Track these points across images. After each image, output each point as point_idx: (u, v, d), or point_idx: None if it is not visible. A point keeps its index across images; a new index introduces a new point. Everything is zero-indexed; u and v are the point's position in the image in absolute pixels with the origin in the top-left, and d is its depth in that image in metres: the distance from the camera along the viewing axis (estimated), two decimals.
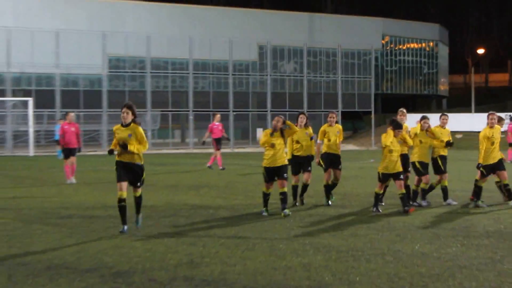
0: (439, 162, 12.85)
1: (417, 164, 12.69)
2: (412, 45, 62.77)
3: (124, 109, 9.10)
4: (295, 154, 11.72)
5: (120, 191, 8.96)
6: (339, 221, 10.63)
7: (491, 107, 27.53)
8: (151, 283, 6.17)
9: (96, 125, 42.75)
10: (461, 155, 27.22)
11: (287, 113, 32.94)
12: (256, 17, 53.75)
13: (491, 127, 12.57)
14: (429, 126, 12.78)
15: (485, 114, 13.44)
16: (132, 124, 9.08)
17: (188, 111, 44.84)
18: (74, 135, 18.48)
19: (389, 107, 52.60)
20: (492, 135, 12.57)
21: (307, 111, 26.08)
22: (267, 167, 10.65)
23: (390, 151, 11.48)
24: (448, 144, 13.07)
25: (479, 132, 12.80)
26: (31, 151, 34.84)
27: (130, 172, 9.09)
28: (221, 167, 22.86)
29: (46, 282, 6.28)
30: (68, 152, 18.20)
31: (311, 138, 12.44)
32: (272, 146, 10.39)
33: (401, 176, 11.67)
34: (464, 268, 6.72)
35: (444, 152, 13.23)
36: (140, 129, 9.16)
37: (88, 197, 14.45)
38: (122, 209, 9.10)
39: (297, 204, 12.13)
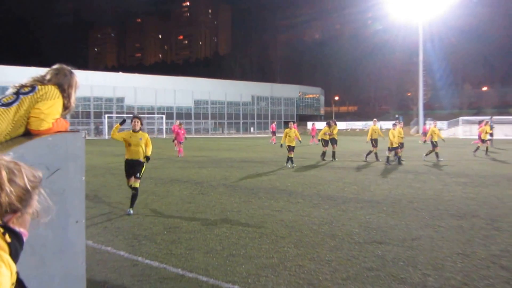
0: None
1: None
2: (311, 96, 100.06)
3: (135, 120, 10.40)
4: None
5: (128, 182, 10.07)
6: None
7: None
8: None
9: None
10: None
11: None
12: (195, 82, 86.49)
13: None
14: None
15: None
16: (140, 131, 10.40)
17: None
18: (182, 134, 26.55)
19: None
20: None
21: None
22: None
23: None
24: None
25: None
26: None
27: (133, 167, 10.08)
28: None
29: None
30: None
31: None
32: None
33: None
34: None
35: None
36: (147, 134, 10.82)
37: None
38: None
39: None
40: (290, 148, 20.41)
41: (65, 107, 3.67)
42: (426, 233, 7.97)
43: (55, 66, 3.77)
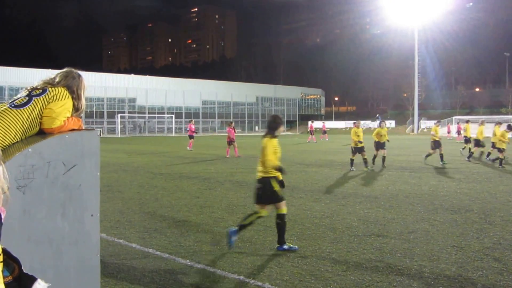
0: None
1: None
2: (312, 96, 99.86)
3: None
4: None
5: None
6: None
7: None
8: None
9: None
10: None
11: None
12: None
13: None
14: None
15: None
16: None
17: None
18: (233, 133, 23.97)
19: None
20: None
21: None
22: None
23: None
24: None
25: None
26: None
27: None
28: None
29: None
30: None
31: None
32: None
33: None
34: None
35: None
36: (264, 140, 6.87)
37: None
38: None
39: None
40: (356, 150, 17.93)
41: (76, 109, 3.69)
42: (422, 227, 7.94)
43: (64, 70, 3.79)
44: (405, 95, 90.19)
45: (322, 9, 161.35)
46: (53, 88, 3.55)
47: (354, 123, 19.02)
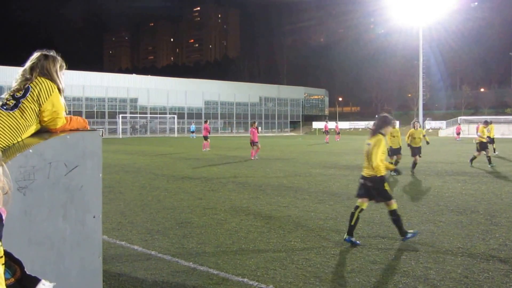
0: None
1: None
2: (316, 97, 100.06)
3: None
4: None
5: None
6: None
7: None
8: None
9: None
10: None
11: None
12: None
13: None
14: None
15: None
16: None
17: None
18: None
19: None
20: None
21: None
22: None
23: None
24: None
25: None
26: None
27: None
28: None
29: None
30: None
31: None
32: None
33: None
34: None
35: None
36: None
37: None
38: None
39: None
40: (393, 152, 17.27)
41: (59, 90, 3.65)
42: (427, 228, 7.91)
43: (32, 57, 3.70)
44: (409, 95, 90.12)
45: (326, 9, 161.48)
46: (34, 84, 3.51)
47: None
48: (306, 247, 6.79)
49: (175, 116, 70.71)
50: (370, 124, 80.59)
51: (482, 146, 18.97)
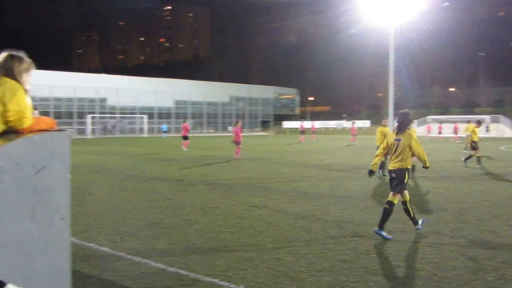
0: None
1: None
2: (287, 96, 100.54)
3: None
4: None
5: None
6: None
7: None
8: None
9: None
10: None
11: None
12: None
13: None
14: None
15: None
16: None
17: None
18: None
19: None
20: None
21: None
22: None
23: None
24: None
25: None
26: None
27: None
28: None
29: None
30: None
31: None
32: None
33: None
34: None
35: None
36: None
37: None
38: None
39: None
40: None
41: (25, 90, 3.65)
42: (397, 226, 8.05)
43: (1, 56, 3.70)
44: (380, 94, 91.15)
45: (297, 9, 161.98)
46: None
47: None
48: (277, 246, 6.84)
49: (145, 116, 70.15)
50: (340, 123, 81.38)
51: (474, 145, 18.97)
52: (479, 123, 19.63)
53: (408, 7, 62.33)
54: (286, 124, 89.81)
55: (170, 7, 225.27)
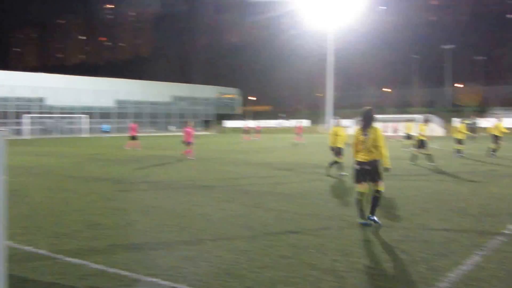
0: None
1: None
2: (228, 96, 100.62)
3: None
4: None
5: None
6: None
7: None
8: None
9: None
10: None
11: None
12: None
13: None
14: None
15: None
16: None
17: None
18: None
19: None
20: None
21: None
22: None
23: None
24: None
25: None
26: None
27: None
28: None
29: None
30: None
31: None
32: None
33: None
34: None
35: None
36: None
37: None
38: None
39: None
40: (338, 151, 15.34)
41: None
42: (335, 223, 8.21)
43: None
44: (319, 95, 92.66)
45: (240, 9, 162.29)
46: None
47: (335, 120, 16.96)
48: (218, 244, 6.82)
49: (87, 116, 68.41)
50: (281, 122, 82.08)
51: (421, 144, 19.09)
52: (426, 121, 19.80)
53: (346, 10, 63.86)
54: (228, 124, 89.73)
55: (112, 6, 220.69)
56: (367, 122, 8.27)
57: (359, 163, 8.19)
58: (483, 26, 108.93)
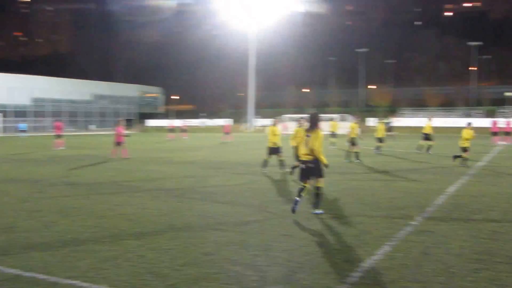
0: None
1: None
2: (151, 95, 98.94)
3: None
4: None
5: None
6: None
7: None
8: None
9: None
10: None
11: None
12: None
13: None
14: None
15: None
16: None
17: None
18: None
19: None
20: None
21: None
22: None
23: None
24: None
25: None
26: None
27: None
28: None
29: None
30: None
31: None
32: None
33: None
34: None
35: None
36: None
37: None
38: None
39: None
40: (274, 151, 15.48)
41: None
42: (256, 219, 8.30)
43: None
44: (241, 94, 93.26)
45: (164, 8, 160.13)
46: None
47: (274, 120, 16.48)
48: (140, 244, 6.71)
49: (0, 114, 64.92)
50: (204, 121, 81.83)
51: (353, 141, 19.66)
52: (357, 120, 20.54)
53: (269, 12, 64.81)
54: (151, 123, 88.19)
55: (28, 0, 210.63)
56: (312, 124, 8.73)
57: (303, 162, 8.65)
58: (394, 32, 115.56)
